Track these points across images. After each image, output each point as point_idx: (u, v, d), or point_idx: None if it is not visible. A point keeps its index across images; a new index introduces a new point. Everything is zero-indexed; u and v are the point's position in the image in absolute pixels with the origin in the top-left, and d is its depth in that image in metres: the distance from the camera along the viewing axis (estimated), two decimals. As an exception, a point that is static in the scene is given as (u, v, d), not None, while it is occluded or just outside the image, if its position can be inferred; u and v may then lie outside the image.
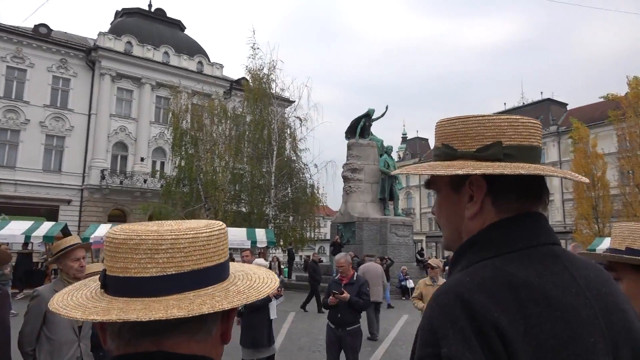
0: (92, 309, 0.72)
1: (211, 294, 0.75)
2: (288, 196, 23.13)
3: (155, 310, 0.69)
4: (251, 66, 24.03)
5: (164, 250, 0.72)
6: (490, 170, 0.85)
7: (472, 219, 0.91)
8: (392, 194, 22.04)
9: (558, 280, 0.81)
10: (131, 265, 0.72)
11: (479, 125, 0.91)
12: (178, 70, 31.64)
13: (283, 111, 24.91)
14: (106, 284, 0.76)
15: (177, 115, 22.56)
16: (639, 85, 25.40)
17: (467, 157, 0.90)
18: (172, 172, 23.19)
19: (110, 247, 0.75)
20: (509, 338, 0.73)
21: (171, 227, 0.76)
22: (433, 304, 0.82)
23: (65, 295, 0.81)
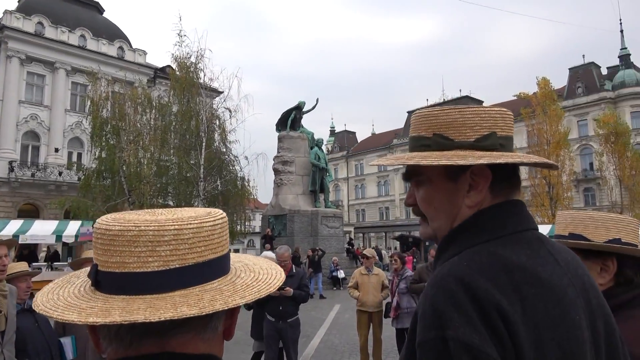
0: (88, 310, 0.64)
1: (218, 289, 0.70)
2: (217, 189, 22.60)
3: (163, 309, 0.63)
4: (177, 54, 23.08)
5: (166, 242, 0.66)
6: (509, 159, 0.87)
7: (472, 207, 0.93)
8: (323, 186, 22.29)
9: (546, 262, 0.85)
10: (129, 259, 0.65)
11: (477, 116, 0.93)
12: (96, 55, 29.72)
13: (212, 102, 24.21)
14: (98, 281, 0.68)
15: (97, 103, 21.16)
16: (546, 86, 27.65)
17: (465, 146, 0.92)
18: (92, 164, 21.77)
19: (104, 240, 0.67)
20: (510, 319, 0.76)
21: (172, 217, 0.70)
22: (434, 289, 0.82)
23: (49, 294, 0.72)
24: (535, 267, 0.83)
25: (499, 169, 0.91)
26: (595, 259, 1.57)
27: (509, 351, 0.74)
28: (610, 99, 40.05)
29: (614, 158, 27.63)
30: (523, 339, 0.75)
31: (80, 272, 0.81)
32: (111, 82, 23.30)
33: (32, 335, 3.38)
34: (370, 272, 7.33)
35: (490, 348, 0.73)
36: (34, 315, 3.48)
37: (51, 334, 3.52)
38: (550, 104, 26.97)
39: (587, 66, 43.41)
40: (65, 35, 29.05)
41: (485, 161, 0.87)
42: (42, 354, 3.39)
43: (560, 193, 26.26)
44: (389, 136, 61.36)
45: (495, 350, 0.73)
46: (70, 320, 0.64)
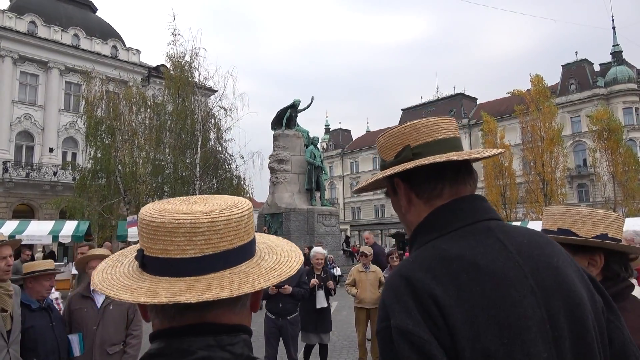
0: (138, 290, 0.75)
1: (246, 272, 0.80)
2: (213, 188, 22.58)
3: (200, 290, 0.73)
4: (172, 53, 23.02)
5: (201, 232, 0.75)
6: (389, 172, 1.05)
7: (406, 213, 1.09)
8: (319, 185, 22.33)
9: (489, 250, 0.94)
10: (171, 247, 0.75)
11: (392, 137, 1.10)
12: (90, 54, 29.60)
13: (207, 100, 24.17)
14: (145, 264, 0.79)
15: (91, 102, 21.07)
16: (540, 83, 27.81)
17: (391, 165, 1.08)
18: (87, 164, 21.69)
19: (148, 230, 0.77)
20: (443, 303, 0.86)
21: (205, 209, 0.79)
22: (385, 286, 0.96)
23: (102, 273, 0.83)
24: (474, 256, 0.92)
25: (411, 176, 1.05)
26: (583, 254, 1.64)
27: (443, 330, 0.84)
28: (602, 96, 40.31)
29: (607, 154, 27.89)
30: (456, 320, 0.84)
31: (127, 251, 0.92)
32: (105, 82, 23.22)
33: (44, 335, 3.40)
34: (367, 270, 7.39)
35: (422, 330, 0.84)
36: (50, 315, 3.50)
37: (63, 335, 3.55)
38: (544, 101, 27.15)
39: (580, 63, 43.67)
40: (58, 34, 28.90)
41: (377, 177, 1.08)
42: (51, 355, 3.42)
43: (554, 189, 26.46)
44: (384, 134, 61.37)
45: (428, 332, 0.84)
46: (124, 300, 0.75)
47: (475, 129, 49.55)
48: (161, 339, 0.77)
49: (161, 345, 0.77)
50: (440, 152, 1.03)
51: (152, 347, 0.78)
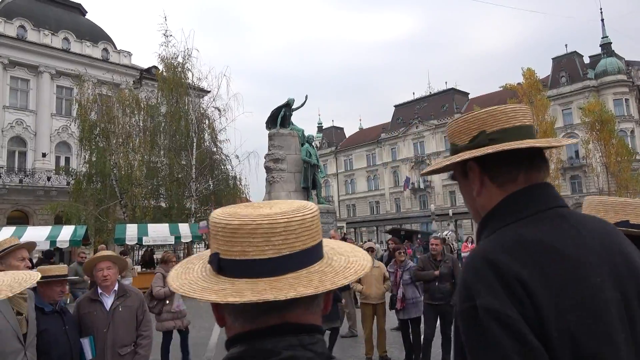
0: (222, 292, 0.76)
1: (321, 271, 0.81)
2: (209, 189, 22.54)
3: (285, 289, 0.75)
4: (164, 54, 22.93)
5: (278, 233, 0.77)
6: (467, 155, 1.07)
7: (478, 196, 1.12)
8: (315, 183, 22.32)
9: (565, 235, 0.98)
10: (249, 248, 0.77)
11: (466, 122, 1.14)
12: (81, 57, 29.37)
13: (201, 101, 24.10)
14: (221, 267, 0.79)
15: (85, 106, 20.95)
16: (532, 76, 27.99)
17: (465, 149, 1.11)
18: (82, 168, 21.56)
19: (225, 233, 0.78)
20: (530, 285, 0.89)
21: (278, 211, 0.81)
22: (465, 267, 0.99)
23: (178, 279, 0.83)
24: (552, 241, 0.96)
25: (487, 159, 1.07)
26: None
27: (529, 311, 0.88)
28: (593, 87, 40.66)
29: (599, 145, 28.16)
30: (542, 301, 0.88)
31: (194, 258, 0.93)
32: (97, 85, 23.08)
33: (57, 338, 3.39)
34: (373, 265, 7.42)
35: (510, 310, 0.87)
36: (63, 319, 3.49)
37: (76, 338, 3.54)
38: (536, 94, 27.32)
39: (570, 55, 44.01)
40: (48, 38, 28.68)
41: (456, 159, 1.10)
42: (63, 358, 3.41)
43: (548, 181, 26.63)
44: (377, 131, 61.55)
45: (516, 311, 0.87)
46: (212, 300, 0.75)
47: (467, 123, 49.72)
48: (242, 342, 0.78)
49: (243, 348, 0.77)
50: (516, 139, 1.06)
51: (233, 350, 0.79)
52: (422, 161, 54.34)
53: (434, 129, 53.37)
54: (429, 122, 53.73)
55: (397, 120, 58.60)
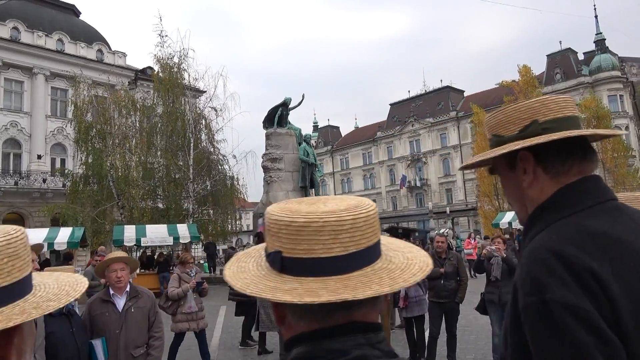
0: (294, 291, 0.73)
1: (386, 268, 0.80)
2: (207, 189, 22.47)
3: (360, 288, 0.73)
4: (160, 55, 22.83)
5: (345, 230, 0.75)
6: (528, 143, 1.03)
7: (529, 187, 1.08)
8: (313, 182, 22.33)
9: (627, 227, 0.96)
10: (316, 246, 0.74)
11: (516, 112, 1.10)
12: (75, 59, 29.19)
13: (198, 101, 24.01)
14: (284, 266, 0.77)
15: (80, 107, 20.83)
16: (527, 73, 28.07)
17: (513, 139, 1.07)
18: (78, 170, 21.44)
19: (289, 231, 0.76)
20: (602, 278, 0.87)
21: (345, 207, 0.78)
22: (529, 260, 0.95)
23: (239, 280, 0.81)
24: (617, 232, 0.94)
25: (541, 150, 1.04)
26: None
27: (604, 304, 0.85)
28: (588, 84, 40.85)
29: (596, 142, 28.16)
30: (615, 293, 0.86)
31: (242, 256, 0.89)
32: (92, 86, 22.96)
33: (64, 341, 3.36)
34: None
35: (585, 303, 0.85)
36: (70, 321, 3.45)
37: (83, 341, 3.50)
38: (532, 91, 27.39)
39: (565, 52, 44.19)
40: (42, 39, 28.48)
41: (511, 148, 1.05)
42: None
43: (545, 178, 26.69)
44: (373, 129, 61.59)
45: (591, 305, 0.85)
46: (286, 301, 0.72)
47: (463, 121, 49.89)
48: (308, 341, 0.76)
49: (309, 347, 0.75)
50: (569, 129, 1.03)
51: (299, 350, 0.76)
52: (418, 159, 54.44)
53: (429, 127, 53.44)
54: (425, 120, 53.80)
55: (393, 119, 58.65)
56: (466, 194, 49.37)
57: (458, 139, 50.84)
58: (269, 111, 23.02)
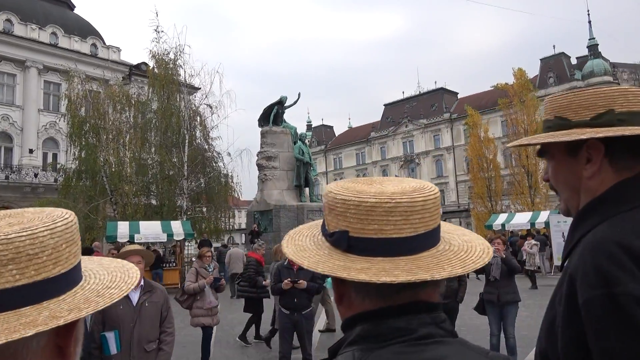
0: (369, 270, 0.73)
1: (450, 250, 0.80)
2: (201, 186, 22.36)
3: (434, 268, 0.74)
4: (156, 50, 22.66)
5: (416, 211, 0.76)
6: (612, 133, 0.97)
7: (590, 178, 1.03)
8: (308, 181, 22.30)
9: None
10: (387, 227, 0.75)
11: (592, 97, 1.03)
12: (69, 52, 28.90)
13: (193, 98, 23.88)
14: (352, 245, 0.77)
15: (74, 101, 20.62)
16: (522, 76, 28.27)
17: (582, 125, 1.02)
18: (71, 164, 21.23)
19: (358, 210, 0.76)
20: None
21: (416, 188, 0.79)
22: (594, 253, 0.92)
23: (305, 259, 0.80)
24: None
25: (614, 142, 0.99)
26: None
27: None
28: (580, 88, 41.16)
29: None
30: None
31: (295, 235, 0.89)
32: (86, 80, 22.76)
33: None
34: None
35: None
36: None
37: (86, 331, 3.47)
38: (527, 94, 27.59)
39: (558, 56, 44.56)
40: (35, 32, 28.17)
41: (594, 135, 0.98)
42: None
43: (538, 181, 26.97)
44: (367, 129, 61.68)
45: None
46: (362, 280, 0.72)
47: (456, 123, 50.13)
48: (373, 319, 0.76)
49: (374, 325, 0.75)
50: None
51: (363, 327, 0.76)
52: (412, 160, 54.61)
53: (423, 128, 53.64)
54: (419, 121, 53.98)
55: (387, 119, 58.77)
56: (458, 196, 49.62)
57: (451, 141, 51.08)
58: (265, 109, 22.97)
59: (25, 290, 0.61)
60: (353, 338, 0.76)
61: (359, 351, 0.73)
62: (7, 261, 0.59)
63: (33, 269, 0.61)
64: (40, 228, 0.62)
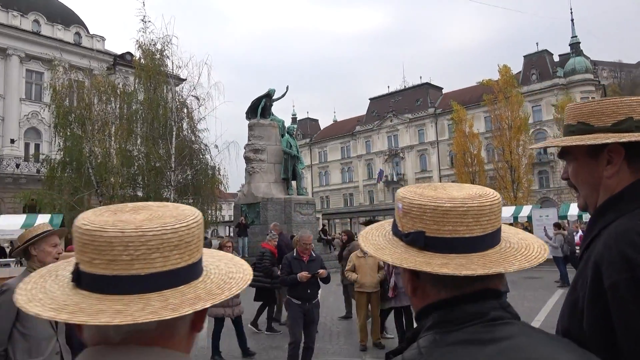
0: (448, 265, 0.84)
1: (511, 247, 0.93)
2: (188, 178, 22.25)
3: (504, 263, 0.86)
4: (142, 40, 22.38)
5: (485, 214, 0.88)
6: (634, 138, 1.10)
7: (610, 178, 1.17)
8: (295, 174, 22.33)
9: None
10: (460, 228, 0.87)
11: (613, 105, 1.17)
12: (52, 41, 28.36)
13: (181, 89, 23.68)
14: (427, 244, 0.88)
15: (60, 91, 20.29)
16: (507, 72, 28.68)
17: (603, 130, 1.15)
18: (56, 155, 20.92)
19: (435, 214, 0.87)
20: None
21: (477, 194, 0.91)
22: (618, 241, 1.04)
23: (384, 254, 0.92)
24: None
25: (632, 146, 1.12)
26: None
27: None
28: (562, 85, 41.98)
29: (570, 142, 29.04)
30: None
31: (365, 234, 1.01)
32: (69, 70, 22.38)
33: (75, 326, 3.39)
34: (366, 255, 7.56)
35: None
36: None
37: None
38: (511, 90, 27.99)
39: (541, 53, 45.24)
40: (17, 19, 27.55)
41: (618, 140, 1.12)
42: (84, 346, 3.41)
43: (521, 176, 27.47)
44: (352, 123, 61.83)
45: None
46: (446, 273, 0.83)
47: (441, 118, 50.62)
48: (449, 306, 0.87)
49: (450, 311, 0.86)
50: None
51: (440, 313, 0.87)
52: (396, 154, 54.99)
53: (408, 123, 54.01)
54: (404, 115, 54.33)
55: (372, 113, 58.99)
56: (442, 190, 50.12)
57: (435, 136, 51.57)
58: (253, 102, 22.86)
59: (183, 271, 0.74)
60: (431, 323, 0.87)
61: (439, 333, 0.84)
62: (173, 247, 0.72)
63: (187, 255, 0.74)
64: (191, 220, 0.76)
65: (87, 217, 0.74)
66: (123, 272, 0.70)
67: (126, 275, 0.70)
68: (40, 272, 0.83)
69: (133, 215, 0.76)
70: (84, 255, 0.72)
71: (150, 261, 0.71)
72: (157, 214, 0.78)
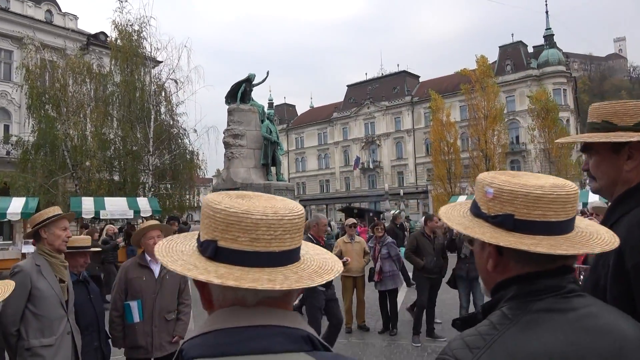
0: (541, 245, 0.95)
1: (583, 232, 1.03)
2: (166, 163, 21.99)
3: (587, 245, 0.98)
4: (119, 21, 21.82)
5: (569, 202, 0.99)
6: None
7: (630, 171, 1.34)
8: (275, 160, 22.33)
9: None
10: (549, 212, 0.97)
11: (636, 107, 1.32)
12: (21, 18, 27.22)
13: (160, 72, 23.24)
14: (517, 226, 0.98)
15: (33, 71, 19.66)
16: (484, 63, 29.16)
17: (626, 129, 1.31)
18: (29, 137, 20.34)
19: (527, 199, 0.97)
20: None
21: (567, 184, 1.01)
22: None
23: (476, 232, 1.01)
24: None
25: None
26: None
27: None
28: (535, 77, 42.92)
29: (543, 132, 30.03)
30: None
31: (447, 217, 1.12)
32: (40, 49, 21.66)
33: (84, 307, 3.47)
34: (352, 240, 7.76)
35: None
36: (87, 288, 3.56)
37: (101, 308, 3.63)
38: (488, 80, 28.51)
39: (516, 44, 46.05)
40: (-16, -5, 26.42)
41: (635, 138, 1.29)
42: (90, 327, 3.49)
43: (495, 165, 28.14)
44: (329, 110, 61.83)
45: None
46: (542, 252, 0.93)
47: (417, 106, 51.13)
48: (530, 280, 0.97)
49: (530, 284, 0.97)
50: None
51: (520, 287, 0.97)
52: (372, 141, 55.37)
53: (384, 110, 54.35)
54: (381, 103, 54.63)
55: (350, 100, 59.10)
56: (417, 178, 50.92)
57: (412, 124, 52.11)
58: (232, 87, 22.59)
59: (296, 251, 0.89)
60: (513, 294, 0.97)
61: (522, 302, 0.95)
62: (297, 230, 0.87)
63: (298, 237, 0.89)
64: (300, 209, 0.90)
65: (225, 201, 0.86)
66: (262, 249, 0.82)
67: (264, 251, 0.82)
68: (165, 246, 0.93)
69: (255, 202, 0.89)
70: (227, 233, 0.83)
71: (283, 240, 0.84)
72: (274, 202, 0.91)
